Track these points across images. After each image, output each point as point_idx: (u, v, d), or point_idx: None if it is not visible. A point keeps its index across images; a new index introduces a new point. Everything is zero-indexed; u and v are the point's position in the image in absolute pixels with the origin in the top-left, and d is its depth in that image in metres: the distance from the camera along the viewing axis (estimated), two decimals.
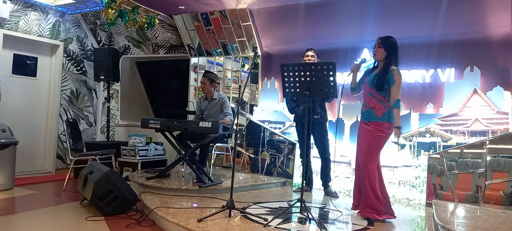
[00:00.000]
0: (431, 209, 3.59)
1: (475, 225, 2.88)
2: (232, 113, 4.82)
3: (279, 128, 5.43)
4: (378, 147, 3.34)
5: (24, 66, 6.10)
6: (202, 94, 5.08)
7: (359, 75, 3.67)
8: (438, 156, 4.06)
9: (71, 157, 5.16)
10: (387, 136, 3.35)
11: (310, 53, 4.38)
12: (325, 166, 4.38)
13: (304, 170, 3.92)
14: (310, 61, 4.26)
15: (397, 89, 3.28)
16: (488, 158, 3.73)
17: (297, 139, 4.88)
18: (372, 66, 3.54)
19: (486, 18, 4.16)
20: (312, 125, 4.14)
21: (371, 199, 3.27)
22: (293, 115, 4.61)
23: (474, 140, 4.05)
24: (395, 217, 3.32)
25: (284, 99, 4.79)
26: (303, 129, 4.17)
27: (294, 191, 4.58)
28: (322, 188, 4.44)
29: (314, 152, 4.52)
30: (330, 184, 4.38)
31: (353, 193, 3.59)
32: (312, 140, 4.41)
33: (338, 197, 4.21)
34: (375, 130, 3.30)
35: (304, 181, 4.32)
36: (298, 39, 5.36)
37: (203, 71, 5.59)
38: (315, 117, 4.28)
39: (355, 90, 3.64)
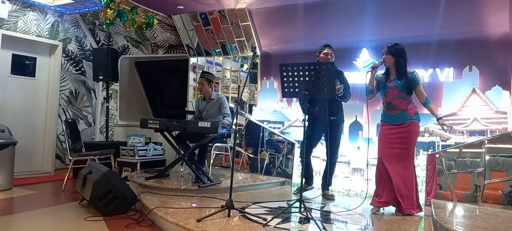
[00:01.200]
0: (430, 208, 3.59)
1: (474, 224, 2.88)
2: (230, 114, 4.80)
3: (278, 128, 5.43)
4: (414, 145, 3.60)
5: (23, 66, 6.09)
6: (200, 95, 5.07)
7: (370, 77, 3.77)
8: (437, 156, 4.06)
9: (70, 157, 5.16)
10: (418, 133, 3.63)
11: (329, 51, 4.10)
12: (330, 170, 4.25)
13: (303, 169, 3.91)
14: (329, 60, 4.03)
15: (422, 88, 3.61)
16: (487, 157, 3.74)
17: (298, 138, 4.83)
18: (383, 73, 3.71)
19: (485, 17, 4.17)
20: (328, 127, 3.97)
21: (412, 197, 3.52)
22: (307, 115, 4.48)
23: (473, 139, 4.06)
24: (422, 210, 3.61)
25: (299, 101, 4.65)
26: (314, 129, 4.15)
27: (293, 193, 4.51)
28: (321, 189, 4.40)
29: (320, 152, 4.48)
30: (330, 188, 4.33)
31: (379, 190, 3.62)
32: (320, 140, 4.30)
33: (334, 199, 4.17)
34: (411, 130, 3.53)
35: (304, 179, 4.31)
36: (297, 39, 5.36)
37: (200, 71, 5.58)
38: (332, 118, 4.09)
39: (372, 93, 3.73)
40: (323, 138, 4.32)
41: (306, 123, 3.69)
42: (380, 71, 3.77)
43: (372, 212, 3.60)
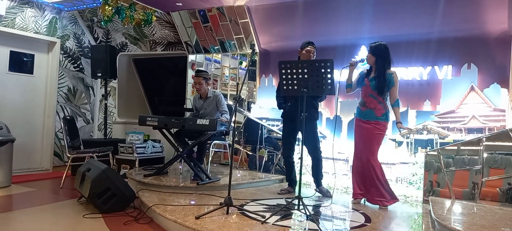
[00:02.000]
0: (428, 205, 3.60)
1: (472, 222, 2.89)
2: (228, 111, 4.79)
3: (277, 125, 5.43)
4: (378, 143, 3.73)
5: (21, 63, 6.07)
6: (197, 93, 5.01)
7: (356, 73, 3.91)
8: (435, 153, 4.07)
9: (68, 155, 5.15)
10: (384, 133, 3.75)
11: (311, 49, 4.11)
12: (316, 165, 4.19)
13: (287, 168, 4.24)
14: (309, 58, 4.05)
15: (396, 90, 3.67)
16: (485, 155, 3.74)
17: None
18: (367, 69, 3.83)
19: (484, 15, 4.17)
20: (299, 123, 3.83)
21: (379, 189, 3.67)
22: (282, 111, 4.42)
23: (471, 137, 4.06)
24: (398, 200, 3.76)
25: (276, 94, 4.59)
26: (289, 126, 4.18)
27: (278, 193, 4.41)
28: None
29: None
30: (321, 181, 4.27)
31: (353, 183, 3.91)
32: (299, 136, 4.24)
33: (331, 195, 4.14)
34: (374, 128, 3.67)
35: (287, 182, 4.36)
36: (296, 36, 5.34)
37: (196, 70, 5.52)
38: (302, 114, 3.94)
39: (350, 87, 3.90)
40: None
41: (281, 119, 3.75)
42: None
43: (352, 203, 3.85)
